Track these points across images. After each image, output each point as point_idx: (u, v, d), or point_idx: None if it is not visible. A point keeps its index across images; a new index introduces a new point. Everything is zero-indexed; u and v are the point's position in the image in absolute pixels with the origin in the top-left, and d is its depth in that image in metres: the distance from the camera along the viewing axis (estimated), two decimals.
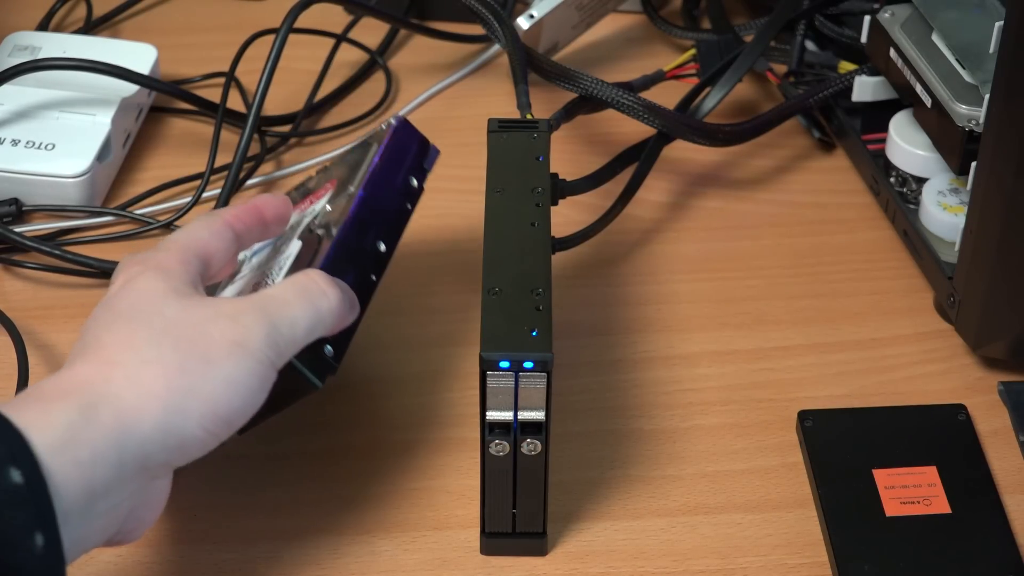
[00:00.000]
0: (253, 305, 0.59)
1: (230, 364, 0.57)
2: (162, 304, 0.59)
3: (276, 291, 0.61)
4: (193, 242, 0.63)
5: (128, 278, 0.60)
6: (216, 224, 0.65)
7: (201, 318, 0.58)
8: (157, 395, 0.56)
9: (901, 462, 0.70)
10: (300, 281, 0.62)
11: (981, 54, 0.73)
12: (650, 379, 0.75)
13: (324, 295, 0.61)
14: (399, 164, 0.72)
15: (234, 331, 0.58)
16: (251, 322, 0.59)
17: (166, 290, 0.59)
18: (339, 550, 0.67)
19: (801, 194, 0.87)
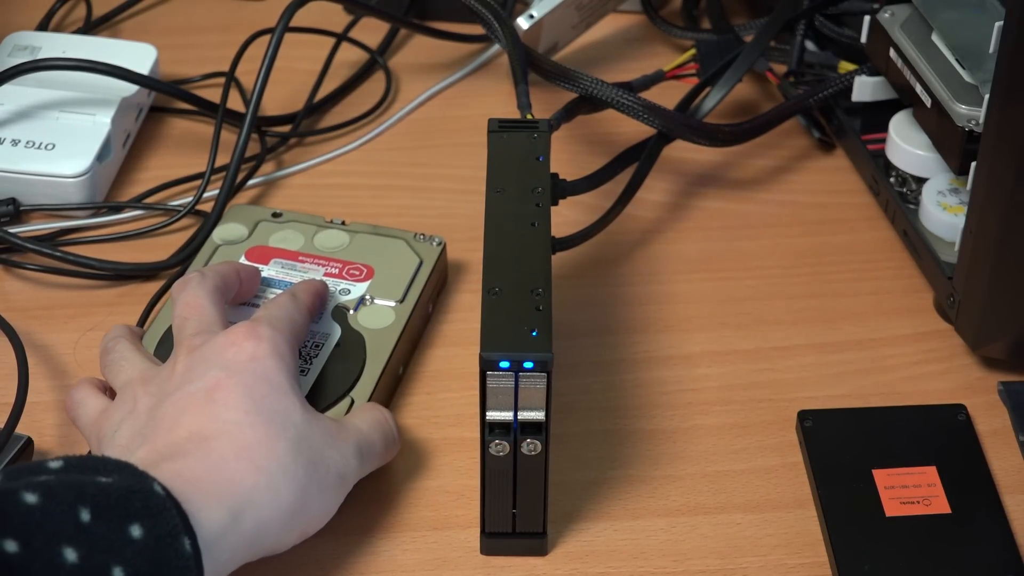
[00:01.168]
0: (352, 439, 0.65)
1: (334, 496, 0.63)
2: (291, 410, 0.63)
3: (364, 427, 0.66)
4: (296, 324, 0.68)
5: (249, 353, 0.64)
6: (304, 306, 0.70)
7: (320, 441, 0.63)
8: (286, 510, 0.60)
9: (901, 462, 0.70)
10: (379, 420, 0.67)
11: (981, 54, 0.73)
12: (650, 379, 0.75)
13: (393, 441, 0.68)
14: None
15: (342, 464, 0.63)
16: (351, 457, 0.64)
17: (289, 390, 0.63)
18: (339, 550, 0.67)
19: (801, 194, 0.87)
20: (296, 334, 0.68)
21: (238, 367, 0.63)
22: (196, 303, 0.68)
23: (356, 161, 0.90)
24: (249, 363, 0.63)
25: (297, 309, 0.69)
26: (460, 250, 0.82)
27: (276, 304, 0.69)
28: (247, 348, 0.64)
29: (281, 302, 0.69)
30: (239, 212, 0.81)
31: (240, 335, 0.64)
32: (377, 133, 0.91)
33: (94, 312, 0.79)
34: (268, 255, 0.78)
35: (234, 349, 0.64)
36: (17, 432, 0.69)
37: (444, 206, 0.86)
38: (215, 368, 0.63)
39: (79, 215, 0.84)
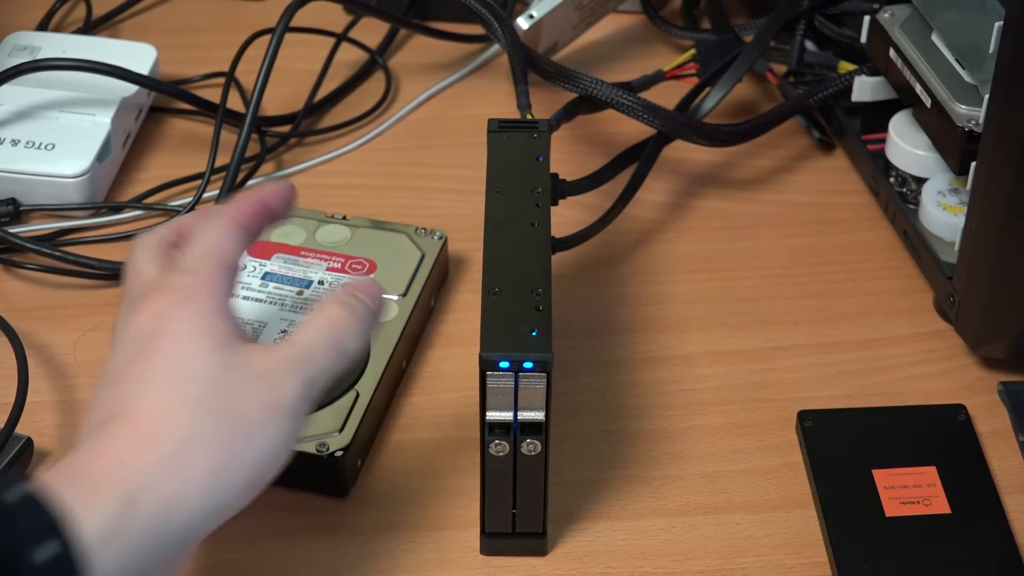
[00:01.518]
0: (288, 359, 0.58)
1: (270, 432, 0.56)
2: (199, 360, 0.56)
3: (308, 339, 0.59)
4: (215, 253, 0.60)
5: (156, 313, 0.57)
6: (227, 226, 0.61)
7: (239, 378, 0.56)
8: (198, 479, 0.54)
9: (901, 462, 0.70)
10: (331, 325, 0.60)
11: (981, 54, 0.73)
12: (650, 379, 0.75)
13: (356, 337, 0.60)
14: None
15: (271, 393, 0.56)
16: (287, 380, 0.57)
17: (202, 335, 0.57)
18: (339, 550, 0.67)
19: (801, 194, 0.87)
20: (220, 262, 0.60)
21: (146, 333, 0.57)
22: (133, 267, 0.61)
23: (356, 161, 0.90)
24: (157, 324, 0.57)
25: (218, 232, 0.61)
26: (460, 250, 0.82)
27: (194, 238, 0.61)
28: (154, 308, 0.57)
29: (198, 231, 0.61)
30: None
31: (150, 295, 0.58)
32: (377, 133, 0.91)
33: (94, 312, 0.79)
34: (270, 250, 0.78)
35: (143, 316, 0.57)
36: (17, 432, 0.69)
37: (444, 206, 0.86)
38: (128, 343, 0.57)
39: (79, 215, 0.84)
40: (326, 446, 0.67)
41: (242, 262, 0.76)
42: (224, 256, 0.60)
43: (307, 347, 0.58)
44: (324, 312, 0.60)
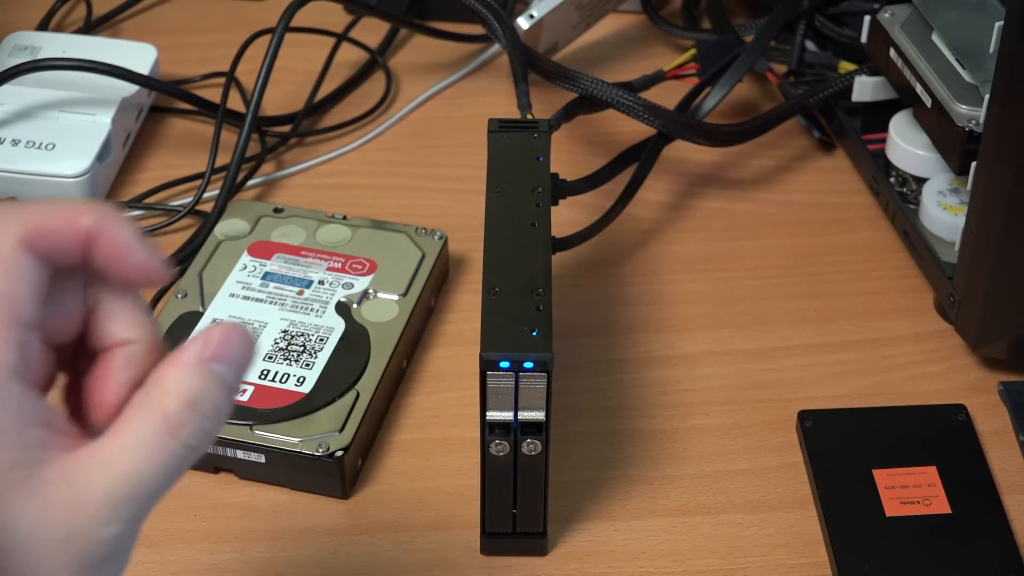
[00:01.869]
0: (99, 499, 0.41)
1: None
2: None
3: (125, 454, 0.41)
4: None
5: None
6: (3, 262, 0.42)
7: (29, 543, 0.40)
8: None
9: (901, 462, 0.70)
10: (164, 432, 0.42)
11: (981, 54, 0.73)
12: (650, 379, 0.75)
13: (204, 434, 0.43)
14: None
15: (72, 555, 0.41)
16: (97, 532, 0.41)
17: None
18: (339, 550, 0.67)
19: (801, 194, 0.87)
20: (9, 316, 0.42)
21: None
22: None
23: (356, 161, 0.90)
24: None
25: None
26: (460, 250, 0.82)
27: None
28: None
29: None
30: (241, 207, 0.81)
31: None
32: (377, 133, 0.91)
33: None
34: (271, 250, 0.78)
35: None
36: None
37: (444, 206, 0.86)
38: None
39: None
40: (326, 446, 0.67)
41: (242, 261, 0.76)
42: (9, 304, 0.42)
43: (133, 478, 0.41)
44: (153, 406, 0.42)
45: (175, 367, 0.43)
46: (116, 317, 0.45)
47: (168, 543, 0.67)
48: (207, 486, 0.69)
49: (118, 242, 0.44)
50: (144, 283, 0.45)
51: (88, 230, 0.43)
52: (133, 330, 0.45)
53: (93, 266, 0.44)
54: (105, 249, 0.44)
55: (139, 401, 0.43)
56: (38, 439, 0.41)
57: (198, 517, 0.68)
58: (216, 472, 0.70)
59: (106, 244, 0.44)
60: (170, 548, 0.67)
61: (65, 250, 0.43)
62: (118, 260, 0.44)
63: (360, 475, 0.70)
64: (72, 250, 0.43)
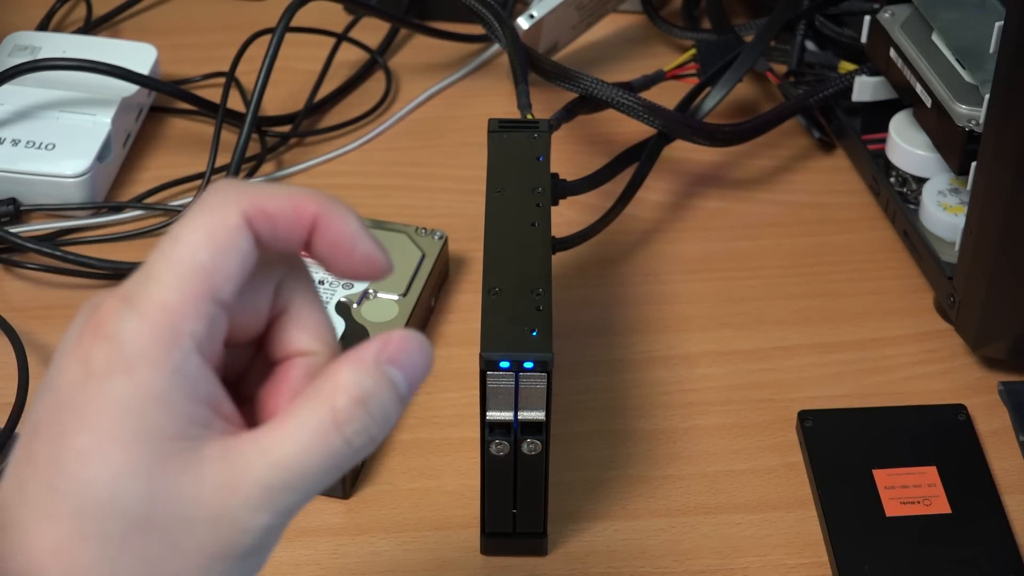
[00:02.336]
0: (257, 487, 0.40)
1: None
2: (121, 486, 0.39)
3: (296, 453, 0.41)
4: (193, 281, 0.41)
5: (86, 368, 0.40)
6: (221, 232, 0.41)
7: (175, 520, 0.39)
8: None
9: (901, 462, 0.70)
10: (332, 430, 0.41)
11: (981, 54, 0.73)
12: (650, 379, 0.75)
13: (370, 438, 0.42)
14: None
15: (221, 540, 0.40)
16: (248, 519, 0.40)
17: (129, 442, 0.39)
18: (339, 550, 0.67)
19: (801, 194, 0.87)
20: (198, 295, 0.41)
21: (67, 394, 0.40)
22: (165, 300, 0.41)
23: (356, 161, 0.90)
24: (80, 388, 0.40)
25: (209, 236, 0.41)
26: (460, 250, 0.82)
27: (160, 249, 0.41)
28: (87, 357, 0.40)
29: (181, 232, 0.41)
30: None
31: (89, 328, 0.41)
32: (377, 133, 0.91)
33: None
34: None
35: (74, 356, 0.41)
36: (17, 432, 0.69)
37: (444, 206, 0.85)
38: (46, 391, 0.41)
39: (79, 215, 0.84)
40: None
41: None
42: (211, 284, 0.41)
43: (291, 467, 0.41)
44: (322, 400, 0.41)
45: (349, 364, 0.42)
46: (303, 326, 0.44)
47: None
48: None
49: (345, 232, 0.43)
50: (368, 276, 0.43)
51: (314, 216, 0.42)
52: (318, 342, 0.44)
53: (315, 254, 0.43)
54: (330, 238, 0.42)
55: (308, 394, 0.41)
56: (204, 417, 0.40)
57: None
58: None
59: (331, 233, 0.42)
60: None
61: (287, 235, 0.42)
62: (345, 251, 0.43)
63: (360, 475, 0.70)
64: (294, 236, 0.42)
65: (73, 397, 0.40)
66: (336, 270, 0.43)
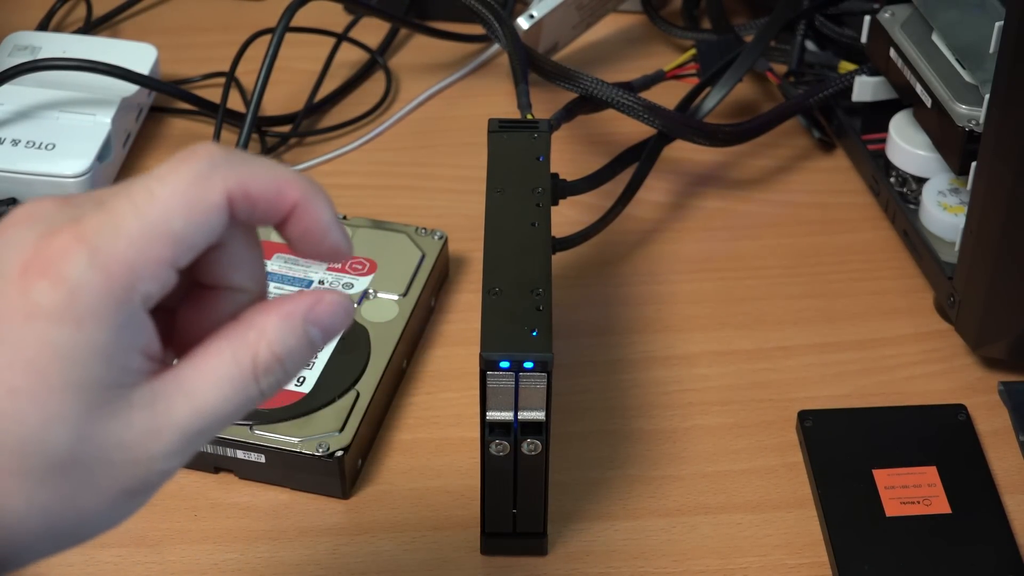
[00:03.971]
0: (170, 430, 0.42)
1: (114, 515, 0.43)
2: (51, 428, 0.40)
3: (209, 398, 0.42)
4: (160, 244, 0.41)
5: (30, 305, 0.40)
6: (200, 206, 0.42)
7: (95, 458, 0.41)
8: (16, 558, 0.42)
9: (901, 462, 0.70)
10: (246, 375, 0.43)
11: (981, 54, 0.73)
12: (650, 379, 0.75)
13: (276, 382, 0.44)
14: None
15: (133, 477, 0.42)
16: (159, 459, 0.42)
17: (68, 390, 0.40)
18: (339, 550, 0.67)
19: (801, 194, 0.87)
20: (157, 253, 0.41)
21: (4, 325, 0.40)
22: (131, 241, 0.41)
23: (356, 161, 0.90)
24: (20, 324, 0.40)
25: (186, 202, 0.42)
26: (460, 250, 0.82)
27: (132, 198, 0.41)
28: (30, 292, 0.40)
29: (169, 182, 0.42)
30: None
31: (38, 258, 0.40)
32: (377, 133, 0.91)
33: None
34: (271, 249, 0.78)
35: (16, 285, 0.40)
36: None
37: (444, 206, 0.85)
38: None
39: None
40: (326, 446, 0.67)
41: None
42: (174, 243, 0.41)
43: (210, 415, 0.42)
44: (245, 348, 0.43)
45: (278, 318, 0.43)
46: (239, 263, 0.44)
47: (168, 543, 0.67)
48: (207, 486, 0.69)
49: (319, 221, 0.44)
50: (331, 261, 0.45)
51: (294, 203, 0.43)
52: (251, 282, 0.45)
53: (284, 234, 0.44)
54: (304, 225, 0.44)
55: (230, 336, 0.43)
56: (138, 365, 0.42)
57: (198, 517, 0.68)
58: (216, 472, 0.70)
59: (306, 220, 0.44)
60: (170, 548, 0.67)
61: (262, 216, 0.43)
62: (315, 238, 0.44)
63: (360, 475, 0.70)
64: (269, 219, 0.44)
65: (11, 331, 0.40)
66: (299, 253, 0.45)
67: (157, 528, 0.67)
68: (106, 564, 0.66)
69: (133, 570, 0.66)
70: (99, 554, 0.66)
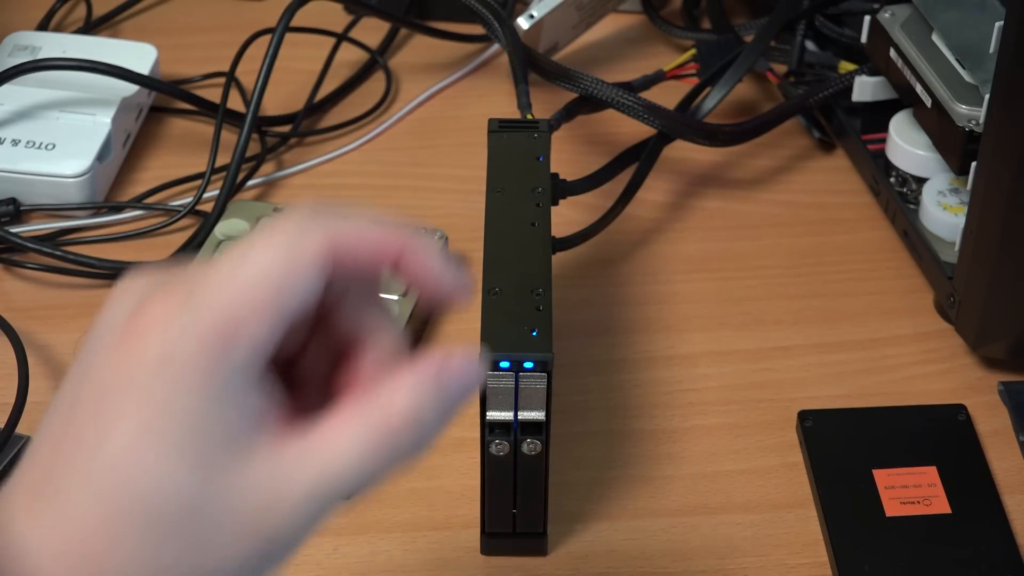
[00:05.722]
0: (302, 490, 0.40)
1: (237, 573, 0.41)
2: (171, 478, 0.39)
3: (343, 460, 0.40)
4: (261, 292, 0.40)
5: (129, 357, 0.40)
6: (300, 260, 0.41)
7: (220, 513, 0.40)
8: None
9: (901, 462, 0.70)
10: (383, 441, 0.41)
11: (981, 54, 0.73)
12: (650, 379, 0.75)
13: (417, 448, 0.42)
14: None
15: (260, 536, 0.40)
16: (289, 519, 0.40)
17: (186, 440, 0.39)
18: (339, 550, 0.67)
19: (801, 194, 0.87)
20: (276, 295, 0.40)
21: (113, 382, 0.40)
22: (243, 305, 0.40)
23: (356, 161, 0.90)
24: (128, 379, 0.40)
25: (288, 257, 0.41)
26: (460, 250, 0.82)
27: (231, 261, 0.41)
28: (136, 347, 0.40)
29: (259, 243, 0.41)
30: (241, 207, 0.81)
31: (142, 315, 0.40)
32: (377, 133, 0.91)
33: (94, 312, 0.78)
34: None
35: (121, 343, 0.40)
36: (17, 432, 0.69)
37: (444, 206, 0.85)
38: (88, 369, 0.41)
39: (79, 215, 0.84)
40: None
41: None
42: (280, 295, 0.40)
43: (337, 475, 0.40)
44: (379, 411, 0.41)
45: (410, 378, 0.42)
46: (363, 308, 0.45)
47: None
48: None
49: (430, 269, 0.43)
50: (451, 304, 0.44)
51: (397, 254, 0.43)
52: (380, 328, 0.45)
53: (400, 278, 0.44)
54: (414, 272, 0.43)
55: (362, 401, 0.41)
56: (251, 421, 0.40)
57: None
58: None
59: (416, 268, 0.43)
60: None
61: (364, 272, 0.43)
62: (430, 286, 0.44)
63: None
64: (372, 272, 0.43)
65: (120, 386, 0.40)
66: (421, 300, 0.44)
67: None
68: None
69: None
70: None
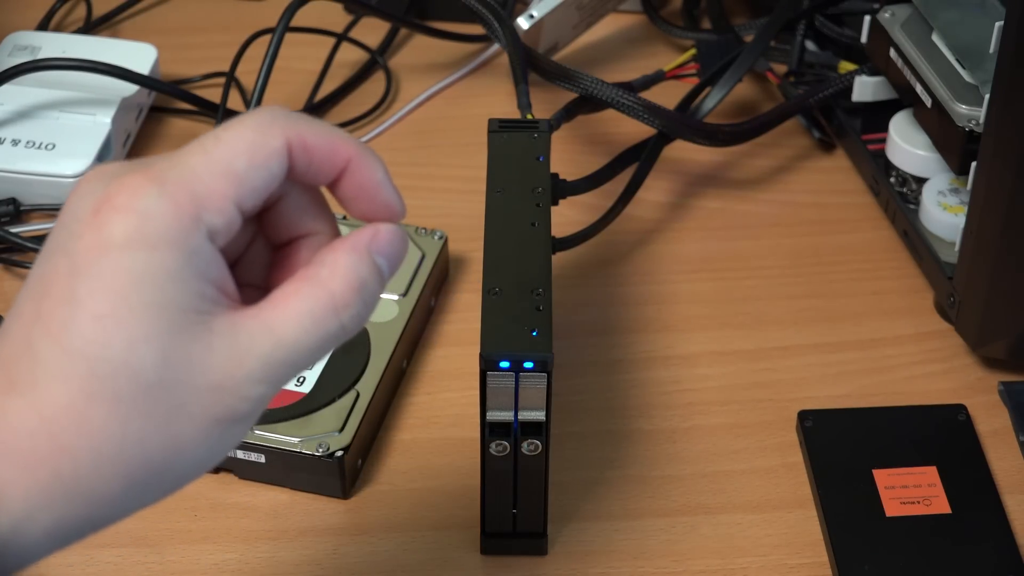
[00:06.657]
0: (258, 360, 0.44)
1: (207, 448, 0.44)
2: (136, 349, 0.42)
3: (293, 332, 0.44)
4: (224, 181, 0.44)
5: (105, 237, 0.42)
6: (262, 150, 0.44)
7: (183, 385, 0.43)
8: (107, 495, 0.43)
9: (901, 462, 0.70)
10: (327, 310, 0.45)
11: (981, 54, 0.73)
12: (650, 379, 0.75)
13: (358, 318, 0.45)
14: None
15: (222, 407, 0.43)
16: (248, 389, 0.44)
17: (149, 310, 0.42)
18: (339, 550, 0.67)
19: (801, 194, 0.87)
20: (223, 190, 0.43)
21: (83, 260, 0.42)
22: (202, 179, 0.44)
23: None
24: (97, 257, 0.42)
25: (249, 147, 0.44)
26: (460, 250, 0.82)
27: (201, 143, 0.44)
28: (105, 226, 0.42)
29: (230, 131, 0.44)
30: None
31: (109, 198, 0.43)
32: (377, 133, 0.91)
33: None
34: None
35: (91, 224, 0.43)
36: None
37: (444, 206, 0.85)
38: (57, 254, 0.43)
39: None
40: (326, 446, 0.67)
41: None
42: (239, 183, 0.44)
43: (292, 346, 0.44)
44: (321, 285, 0.45)
45: (345, 252, 0.45)
46: (305, 207, 0.47)
47: (168, 543, 0.67)
48: (207, 486, 0.69)
49: (372, 179, 0.46)
50: (385, 220, 0.47)
51: (347, 159, 0.46)
52: (320, 223, 0.48)
53: (339, 194, 0.47)
54: (356, 182, 0.46)
55: (305, 277, 0.45)
56: (213, 295, 0.44)
57: (198, 517, 0.68)
58: (216, 472, 0.70)
59: (359, 178, 0.46)
60: (170, 548, 0.67)
61: (318, 170, 0.46)
62: (367, 196, 0.47)
63: (360, 475, 0.70)
64: (324, 173, 0.46)
65: (90, 264, 0.42)
66: (355, 212, 0.47)
67: (157, 528, 0.67)
68: (106, 564, 0.66)
69: (133, 570, 0.66)
70: (99, 554, 0.66)
